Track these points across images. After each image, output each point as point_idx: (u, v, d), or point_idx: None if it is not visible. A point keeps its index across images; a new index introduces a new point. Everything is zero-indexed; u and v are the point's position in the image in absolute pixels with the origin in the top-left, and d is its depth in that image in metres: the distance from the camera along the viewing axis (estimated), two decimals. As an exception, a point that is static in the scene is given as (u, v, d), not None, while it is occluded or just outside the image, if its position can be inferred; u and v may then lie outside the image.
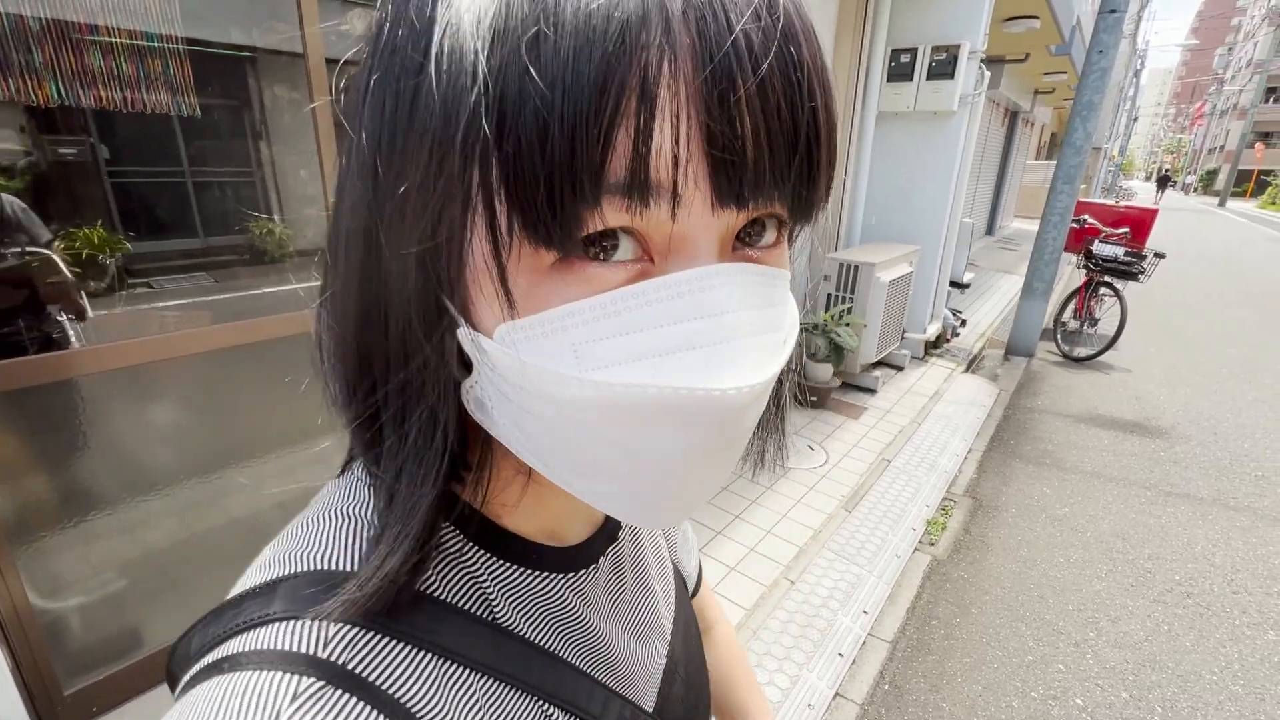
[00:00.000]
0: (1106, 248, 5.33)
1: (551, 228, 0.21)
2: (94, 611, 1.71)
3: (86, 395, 1.62)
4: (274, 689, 0.23)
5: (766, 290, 0.25)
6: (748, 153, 0.21)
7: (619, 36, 0.19)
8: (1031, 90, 12.36)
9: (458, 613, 0.30)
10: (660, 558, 0.48)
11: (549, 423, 0.25)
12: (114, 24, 1.76)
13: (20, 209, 1.91)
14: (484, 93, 0.20)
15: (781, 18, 0.21)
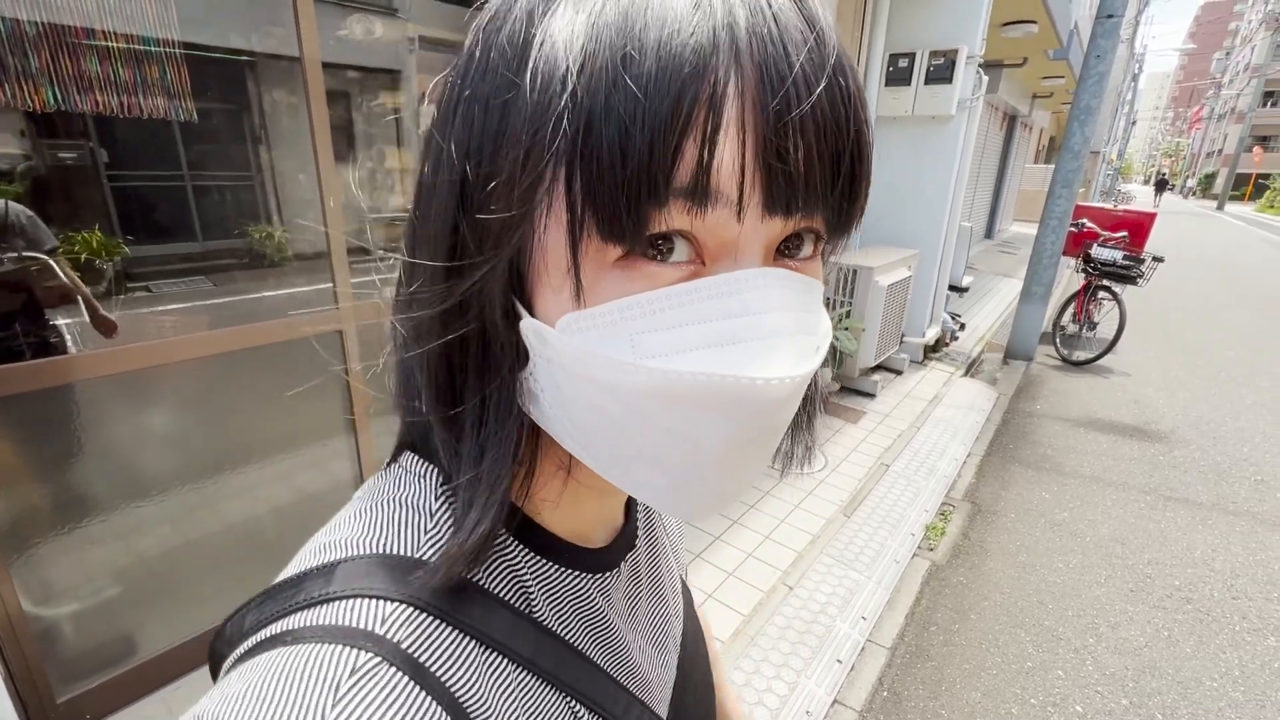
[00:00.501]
0: (1105, 251, 5.34)
1: (624, 224, 0.23)
2: (87, 618, 1.70)
3: (80, 401, 1.61)
4: (335, 661, 0.24)
5: (803, 297, 0.27)
6: (799, 166, 0.24)
7: (694, 60, 0.22)
8: (1030, 94, 12.39)
9: (504, 606, 0.31)
10: (671, 569, 0.49)
11: (602, 409, 0.26)
12: (111, 29, 1.76)
13: (27, 216, 1.92)
14: (571, 103, 0.23)
15: (831, 53, 0.24)
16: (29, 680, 1.53)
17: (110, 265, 2.34)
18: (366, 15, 3.71)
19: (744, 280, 0.25)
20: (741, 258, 0.25)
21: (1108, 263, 5.29)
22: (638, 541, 0.43)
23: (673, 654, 0.45)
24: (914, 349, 4.84)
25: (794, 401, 0.27)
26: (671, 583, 0.48)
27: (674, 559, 0.51)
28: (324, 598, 0.27)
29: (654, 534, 0.48)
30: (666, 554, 0.49)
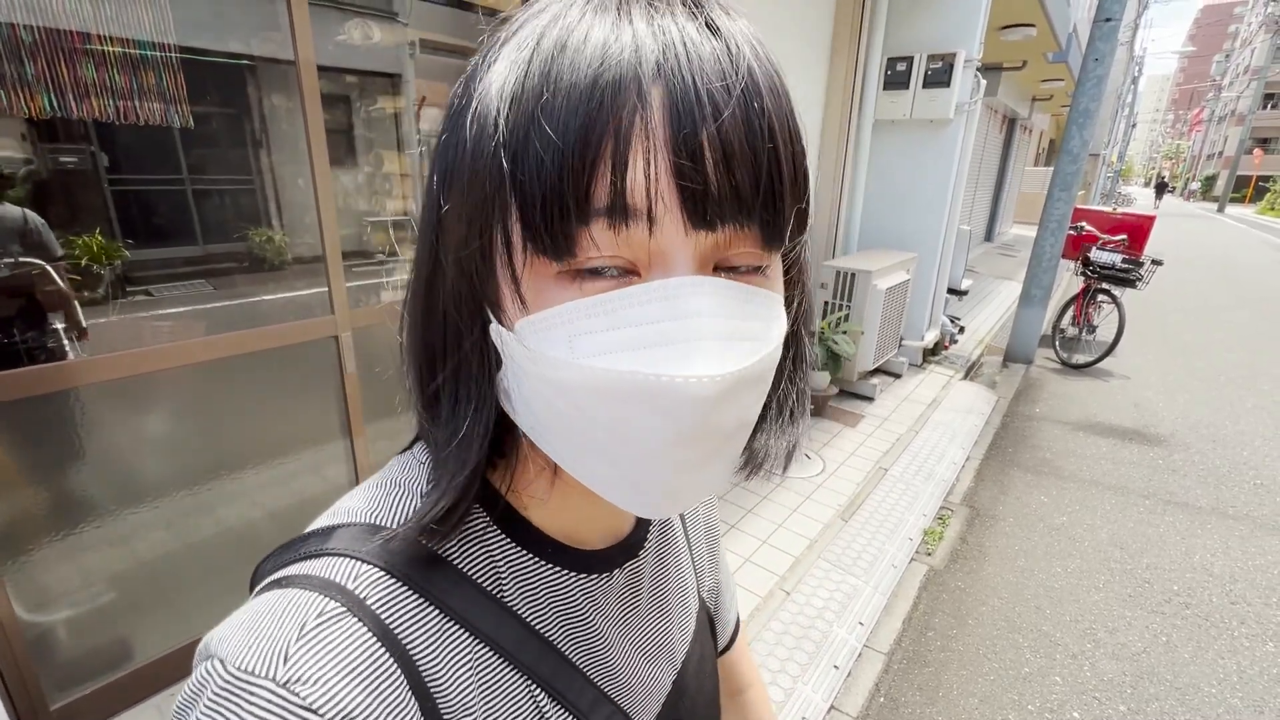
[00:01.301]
0: (1104, 254, 5.33)
1: (550, 242, 0.27)
2: (80, 625, 1.70)
3: (72, 407, 1.61)
4: (308, 605, 0.29)
5: (743, 305, 0.29)
6: (711, 183, 0.26)
7: (600, 96, 0.25)
8: (1029, 97, 12.40)
9: (470, 584, 0.34)
10: (683, 589, 0.50)
11: (549, 402, 0.30)
12: (108, 34, 1.76)
13: (41, 223, 1.95)
14: (502, 141, 0.27)
15: (745, 78, 0.27)
16: (22, 687, 1.53)
17: (107, 270, 2.34)
18: (366, 20, 3.71)
19: (670, 287, 0.27)
20: (673, 269, 0.27)
21: (1107, 266, 5.29)
22: (641, 553, 0.44)
23: (666, 667, 0.45)
24: (913, 352, 4.84)
25: (733, 404, 0.28)
26: (680, 601, 0.49)
27: (692, 581, 0.52)
28: (317, 553, 0.32)
29: (669, 552, 0.49)
30: (681, 574, 0.50)
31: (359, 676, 0.28)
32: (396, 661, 0.29)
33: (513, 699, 0.34)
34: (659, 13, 0.27)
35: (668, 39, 0.26)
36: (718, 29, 0.27)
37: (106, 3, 1.71)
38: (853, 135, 4.46)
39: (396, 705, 0.29)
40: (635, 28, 0.26)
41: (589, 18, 0.27)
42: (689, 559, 0.52)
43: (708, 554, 0.56)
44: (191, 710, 0.27)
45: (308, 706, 0.26)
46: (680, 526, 0.52)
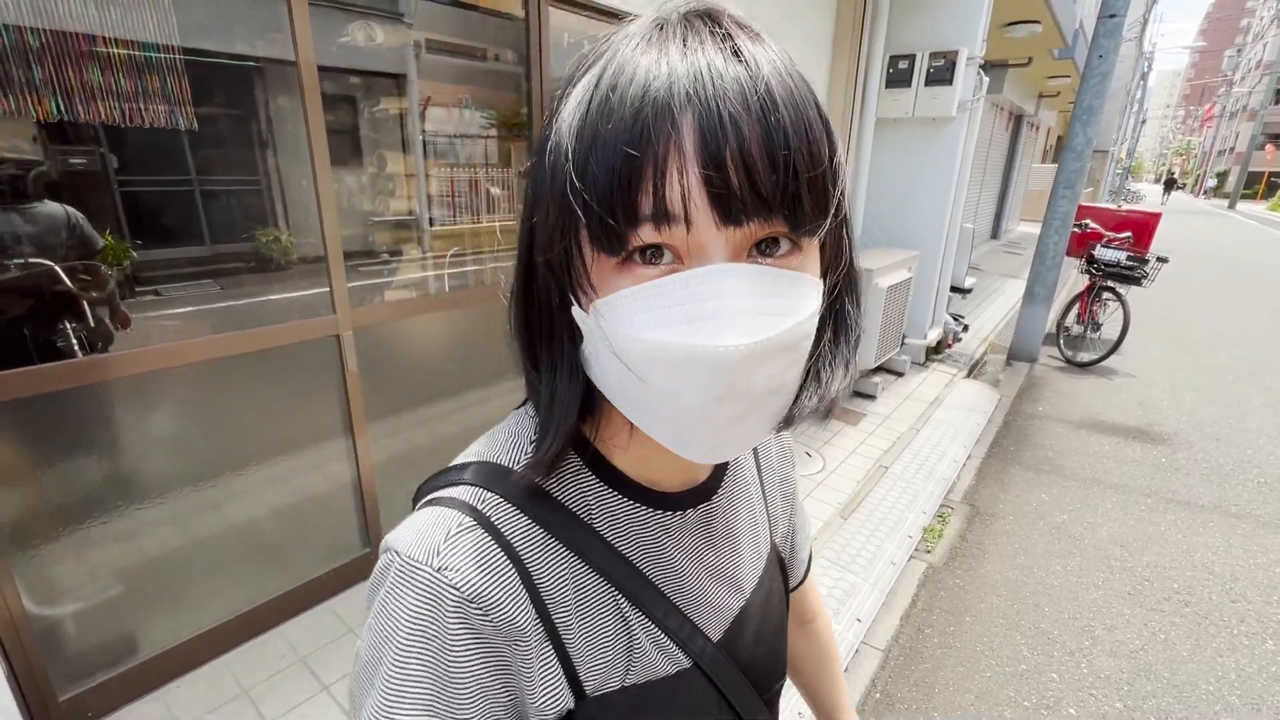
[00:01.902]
0: (1109, 252, 5.31)
1: (608, 242, 0.33)
2: (89, 618, 1.73)
3: (78, 404, 1.65)
4: (451, 518, 0.41)
5: (772, 285, 0.34)
6: (734, 187, 0.31)
7: (640, 127, 0.32)
8: (1036, 94, 12.33)
9: (567, 511, 0.44)
10: (755, 531, 0.57)
11: (618, 369, 0.36)
12: (113, 36, 1.79)
13: (81, 219, 2.09)
14: (572, 165, 0.34)
15: (764, 97, 0.32)
16: (31, 678, 1.57)
17: (112, 270, 2.37)
18: (370, 21, 3.74)
19: (704, 273, 0.33)
20: (710, 258, 0.33)
21: (1111, 263, 5.26)
22: (715, 498, 0.51)
23: (734, 593, 0.52)
24: (915, 350, 4.83)
25: (759, 365, 0.34)
26: (751, 542, 0.56)
27: (765, 526, 0.59)
28: (459, 481, 0.44)
29: (742, 500, 0.56)
30: (753, 519, 0.57)
31: (485, 569, 0.39)
32: (511, 562, 0.40)
33: (599, 600, 0.44)
34: (691, 48, 0.33)
35: (697, 70, 0.32)
36: (742, 55, 0.33)
37: (112, 6, 1.74)
38: (854, 134, 4.46)
39: (510, 590, 0.40)
40: (671, 62, 0.32)
41: (637, 55, 0.34)
42: (763, 508, 0.59)
43: (781, 504, 0.63)
44: (382, 584, 0.40)
45: (452, 585, 0.38)
46: (758, 480, 0.60)
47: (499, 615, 0.39)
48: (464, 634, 0.38)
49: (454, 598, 0.38)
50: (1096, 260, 5.33)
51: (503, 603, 0.39)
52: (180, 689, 1.79)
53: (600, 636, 0.44)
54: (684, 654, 0.47)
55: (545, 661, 0.41)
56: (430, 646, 0.37)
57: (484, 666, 0.38)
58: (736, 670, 0.50)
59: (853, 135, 4.44)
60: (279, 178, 5.27)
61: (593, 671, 0.43)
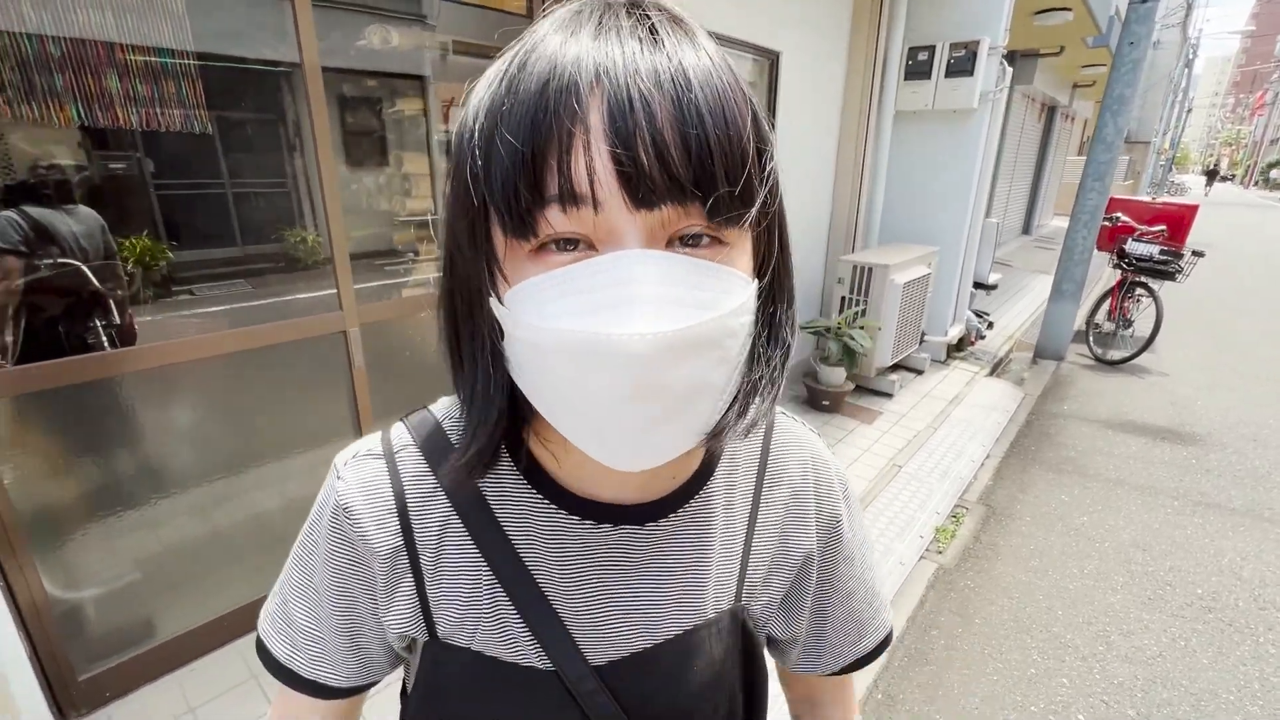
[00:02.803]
0: (1140, 246, 5.12)
1: (515, 224, 0.32)
2: (106, 602, 1.81)
3: (101, 397, 1.72)
4: (372, 444, 0.49)
5: (690, 275, 0.32)
6: (644, 167, 0.30)
7: (546, 102, 0.31)
8: (1070, 84, 11.95)
9: (470, 483, 0.45)
10: (699, 583, 0.48)
11: (531, 362, 0.36)
12: (132, 43, 1.86)
13: (102, 225, 2.19)
14: (476, 145, 0.33)
15: (677, 75, 0.31)
16: (53, 659, 1.64)
17: (138, 271, 2.47)
18: (386, 25, 3.80)
19: (615, 258, 0.31)
20: (623, 244, 0.32)
21: (1144, 258, 5.08)
22: (653, 526, 0.46)
23: (636, 631, 0.46)
24: (936, 348, 4.74)
25: (674, 360, 0.32)
26: (692, 591, 0.48)
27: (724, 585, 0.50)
28: (405, 420, 0.50)
29: (696, 545, 0.48)
30: (701, 570, 0.48)
31: (365, 491, 0.46)
32: (393, 495, 0.45)
33: (467, 564, 0.45)
34: (606, 28, 0.32)
35: (609, 49, 0.31)
36: (659, 37, 0.32)
37: (128, 14, 1.81)
38: (872, 127, 4.39)
39: (379, 516, 0.45)
40: (582, 42, 0.32)
41: (551, 35, 0.33)
42: (735, 569, 0.50)
43: (774, 569, 0.52)
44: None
45: (337, 491, 0.46)
46: (744, 531, 0.51)
47: (360, 530, 0.45)
48: (334, 531, 0.46)
49: (335, 502, 0.46)
50: (1128, 255, 5.15)
51: (365, 522, 0.45)
52: (193, 672, 1.86)
53: (454, 590, 0.46)
54: (538, 653, 0.45)
55: (405, 587, 0.46)
56: (317, 531, 0.47)
57: (343, 562, 0.46)
58: (614, 705, 0.45)
59: (870, 128, 4.37)
60: (306, 180, 5.41)
61: (444, 618, 0.46)
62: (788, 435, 0.55)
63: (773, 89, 3.67)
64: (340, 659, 0.48)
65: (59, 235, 2.14)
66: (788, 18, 3.54)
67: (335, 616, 0.47)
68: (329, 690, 0.48)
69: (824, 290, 4.69)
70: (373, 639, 0.48)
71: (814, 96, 4.05)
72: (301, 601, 0.48)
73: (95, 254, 2.31)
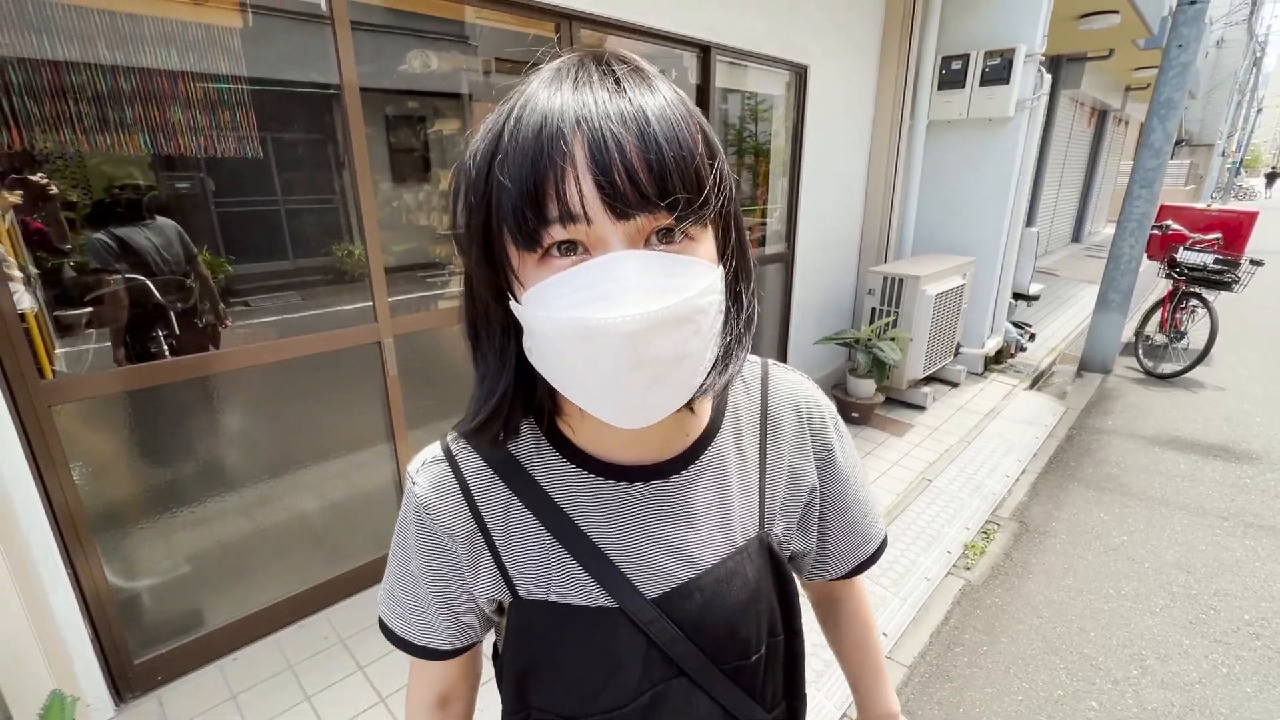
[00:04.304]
0: (1193, 255, 4.91)
1: (525, 240, 0.41)
2: (161, 592, 1.94)
3: (152, 404, 1.86)
4: (435, 451, 0.58)
5: (664, 267, 0.41)
6: (619, 188, 0.39)
7: (540, 145, 0.40)
8: (1122, 87, 11.51)
9: (515, 462, 0.56)
10: (725, 517, 0.58)
11: (547, 350, 0.44)
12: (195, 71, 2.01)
13: (179, 232, 2.50)
14: (483, 184, 0.43)
15: (639, 116, 0.40)
16: (113, 643, 1.78)
17: (196, 285, 2.65)
18: (425, 50, 3.98)
19: (604, 260, 0.40)
20: (610, 248, 0.40)
21: (1196, 267, 4.87)
22: (674, 478, 0.56)
23: (678, 565, 0.55)
24: (972, 360, 4.64)
25: (659, 334, 0.40)
26: (717, 525, 0.57)
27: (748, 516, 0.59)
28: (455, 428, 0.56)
29: (713, 488, 0.58)
30: (727, 507, 0.58)
31: (437, 488, 0.56)
32: (459, 487, 0.56)
33: (527, 528, 0.55)
34: (580, 83, 0.41)
35: (584, 101, 0.40)
36: (622, 86, 0.41)
37: (191, 51, 1.96)
38: (904, 137, 4.35)
39: (452, 506, 0.55)
40: (564, 96, 0.41)
41: (538, 91, 0.42)
42: (755, 499, 0.60)
43: (787, 497, 0.62)
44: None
45: (415, 494, 0.56)
46: (758, 469, 0.61)
47: (440, 520, 0.55)
48: (417, 527, 0.56)
49: (415, 502, 0.56)
50: (1179, 264, 4.94)
51: (443, 512, 0.55)
52: (236, 661, 1.98)
53: (525, 555, 0.55)
54: (602, 593, 0.54)
55: (485, 561, 0.56)
56: (406, 529, 0.58)
57: (431, 552, 0.56)
58: (674, 629, 0.54)
59: (902, 139, 4.34)
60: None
61: (521, 579, 0.55)
62: (782, 384, 0.64)
63: (800, 102, 3.69)
64: (443, 628, 0.59)
65: (141, 250, 2.35)
66: (818, 30, 3.56)
67: (433, 595, 0.58)
68: (440, 653, 0.60)
69: (855, 302, 4.65)
70: (467, 609, 0.59)
71: (844, 107, 4.05)
72: (404, 587, 0.59)
73: (176, 261, 2.53)
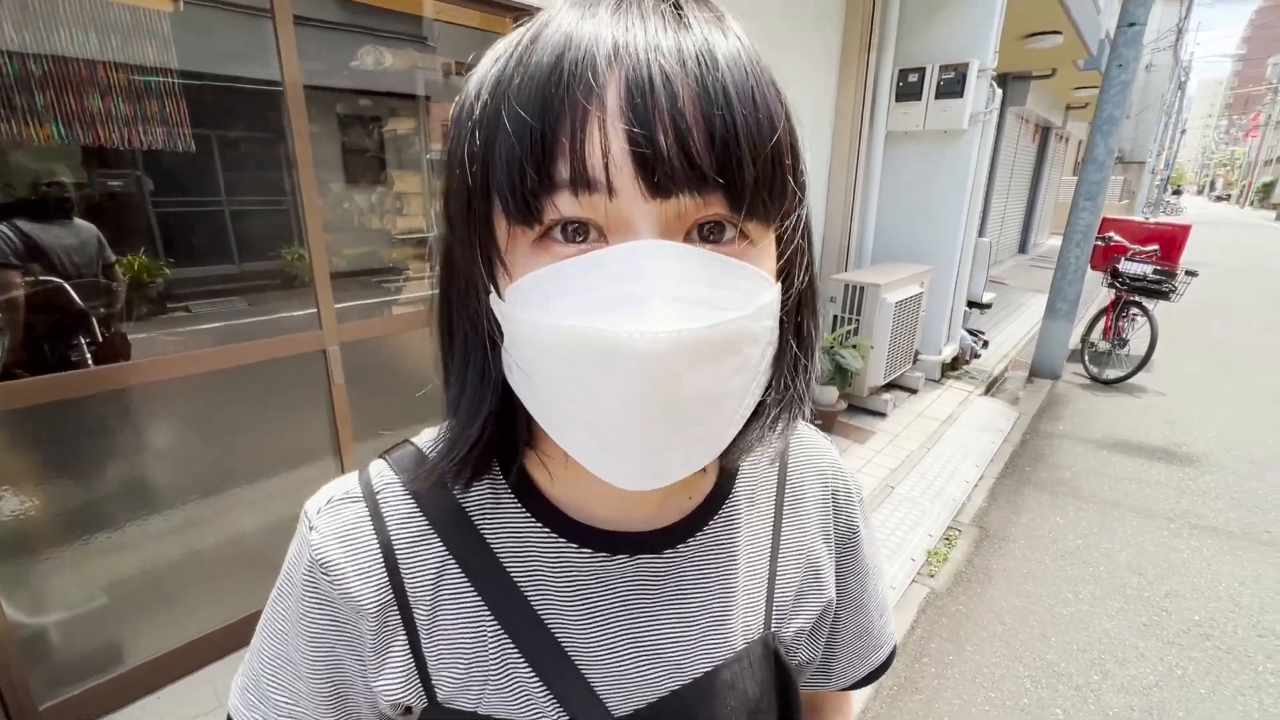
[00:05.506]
0: (1134, 265, 5.13)
1: (519, 210, 0.29)
2: (73, 627, 1.76)
3: (70, 417, 1.69)
4: (348, 485, 0.42)
5: (709, 271, 0.29)
6: (663, 150, 0.27)
7: (559, 77, 0.28)
8: (1063, 105, 12.08)
9: (462, 516, 0.41)
10: (728, 612, 0.44)
11: (535, 366, 0.32)
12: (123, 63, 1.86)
13: (98, 238, 2.22)
14: (478, 122, 0.30)
15: (703, 54, 0.28)
16: (11, 686, 1.59)
17: (121, 287, 2.45)
18: (379, 46, 3.84)
19: (626, 250, 0.28)
20: (637, 234, 0.29)
21: (1137, 277, 5.08)
22: (672, 553, 0.42)
23: (663, 672, 0.42)
24: (930, 367, 4.72)
25: (687, 365, 0.28)
26: (719, 621, 0.44)
27: (753, 612, 0.46)
28: (383, 454, 0.44)
29: (720, 570, 0.44)
30: (727, 596, 0.44)
31: (345, 541, 0.39)
32: (378, 543, 0.39)
33: (468, 613, 0.40)
34: (625, 7, 0.30)
35: (629, 26, 0.29)
36: (683, 18, 0.29)
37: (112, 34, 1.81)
38: (864, 148, 4.41)
39: (362, 568, 0.39)
40: (599, 19, 0.29)
41: (565, 14, 0.30)
42: (763, 593, 0.46)
43: (804, 590, 0.49)
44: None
45: (311, 545, 0.40)
46: (769, 550, 0.47)
47: (342, 587, 0.39)
48: (310, 591, 0.40)
49: (309, 558, 0.40)
50: (1121, 274, 5.15)
51: (348, 576, 0.39)
52: (160, 700, 1.80)
53: (455, 646, 0.40)
54: (557, 709, 0.39)
55: (397, 648, 0.40)
56: (289, 595, 0.41)
57: (323, 626, 0.40)
58: None
59: (862, 149, 4.40)
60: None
61: (445, 681, 0.40)
62: (805, 444, 0.51)
63: (763, 109, 3.70)
64: None
65: (49, 250, 2.14)
66: (779, 41, 3.57)
67: (317, 691, 0.40)
68: None
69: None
70: (362, 711, 0.42)
71: (805, 118, 4.04)
72: (277, 676, 0.41)
73: (88, 268, 2.30)
